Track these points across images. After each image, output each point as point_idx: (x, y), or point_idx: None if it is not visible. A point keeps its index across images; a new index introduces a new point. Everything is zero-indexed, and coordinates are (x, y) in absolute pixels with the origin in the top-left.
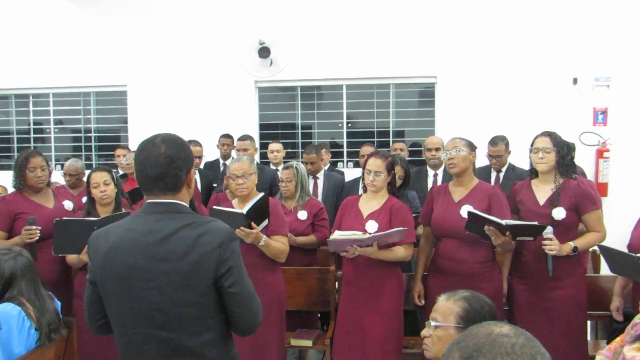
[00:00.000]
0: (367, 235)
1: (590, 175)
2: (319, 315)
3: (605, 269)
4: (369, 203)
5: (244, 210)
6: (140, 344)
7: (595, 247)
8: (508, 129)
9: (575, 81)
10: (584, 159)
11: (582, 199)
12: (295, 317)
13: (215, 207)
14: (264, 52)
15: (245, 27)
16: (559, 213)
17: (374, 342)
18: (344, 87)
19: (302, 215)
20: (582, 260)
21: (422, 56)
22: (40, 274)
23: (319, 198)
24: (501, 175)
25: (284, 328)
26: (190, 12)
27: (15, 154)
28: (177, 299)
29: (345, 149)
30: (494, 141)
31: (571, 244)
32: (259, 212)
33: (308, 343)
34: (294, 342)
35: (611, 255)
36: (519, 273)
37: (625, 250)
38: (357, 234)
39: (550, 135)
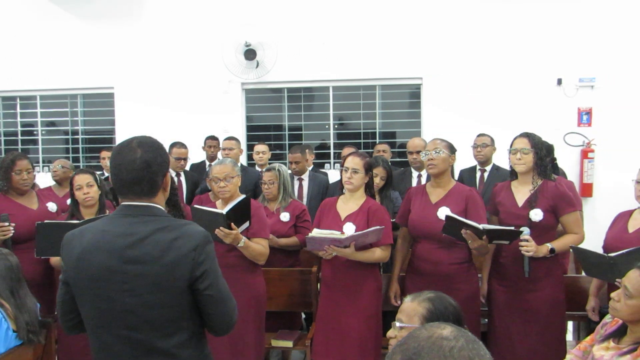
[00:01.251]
0: (345, 236)
1: (575, 176)
2: (304, 316)
3: None
4: (347, 204)
5: (224, 211)
6: (113, 345)
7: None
8: (493, 130)
9: (559, 82)
10: (568, 160)
11: (560, 201)
12: (278, 318)
13: (196, 206)
14: (250, 54)
15: (231, 29)
16: (537, 214)
17: (352, 342)
18: (331, 89)
19: (285, 217)
20: (563, 261)
21: (408, 57)
22: (24, 274)
23: (304, 199)
24: (485, 175)
25: (263, 329)
26: (177, 15)
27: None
28: (150, 301)
29: (332, 150)
30: (481, 133)
31: (548, 245)
32: (240, 214)
33: (288, 344)
34: (274, 342)
35: (585, 257)
36: (498, 274)
37: (601, 251)
38: (335, 234)
39: (529, 136)
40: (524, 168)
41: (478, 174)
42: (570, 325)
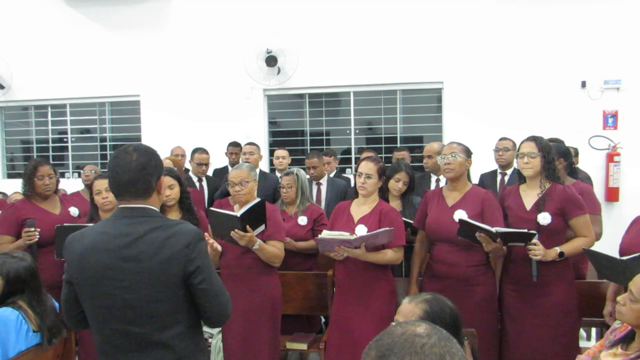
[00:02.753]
0: (355, 236)
1: (600, 180)
2: (324, 320)
3: None
4: (360, 208)
5: (239, 213)
6: (113, 339)
7: None
8: (516, 133)
9: (583, 84)
10: (593, 163)
11: (568, 204)
12: (297, 320)
13: (212, 209)
14: (271, 60)
15: (252, 37)
16: (544, 218)
17: (365, 345)
18: (352, 94)
19: (302, 220)
20: (579, 266)
21: (429, 61)
22: (44, 276)
23: (322, 203)
24: (506, 178)
25: (278, 330)
26: (200, 25)
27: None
28: (147, 296)
29: (353, 155)
30: (503, 137)
31: (557, 249)
32: (255, 217)
33: (303, 346)
34: (289, 345)
35: (598, 259)
36: (509, 278)
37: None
38: (344, 235)
39: (536, 140)
40: (531, 172)
41: (499, 178)
42: (593, 331)
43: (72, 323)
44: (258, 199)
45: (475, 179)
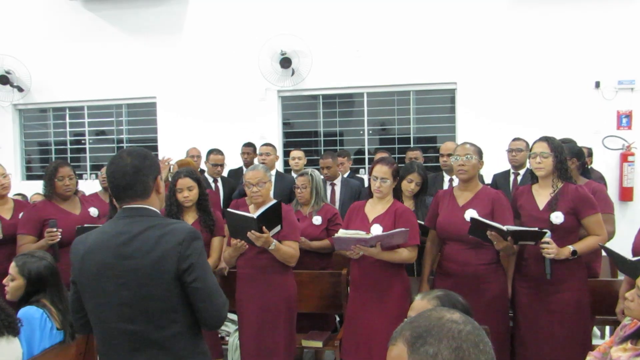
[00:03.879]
0: (370, 235)
1: (614, 180)
2: (338, 319)
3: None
4: (375, 208)
5: (255, 215)
6: (112, 338)
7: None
8: (530, 134)
9: (597, 85)
10: (608, 163)
11: (580, 203)
12: (311, 319)
13: (230, 210)
14: (286, 62)
15: (267, 39)
16: (557, 217)
17: (380, 343)
18: (365, 95)
19: (317, 220)
20: (592, 265)
21: (442, 62)
22: (65, 275)
23: (336, 204)
24: (519, 178)
25: (294, 329)
26: (215, 27)
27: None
28: (143, 293)
29: (367, 156)
30: (516, 137)
31: (570, 247)
32: (271, 218)
33: (318, 344)
34: (305, 343)
35: (612, 255)
36: (522, 276)
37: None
38: (360, 233)
39: (548, 140)
40: (544, 172)
41: (512, 178)
42: (607, 330)
43: (78, 325)
44: (274, 201)
45: (488, 179)
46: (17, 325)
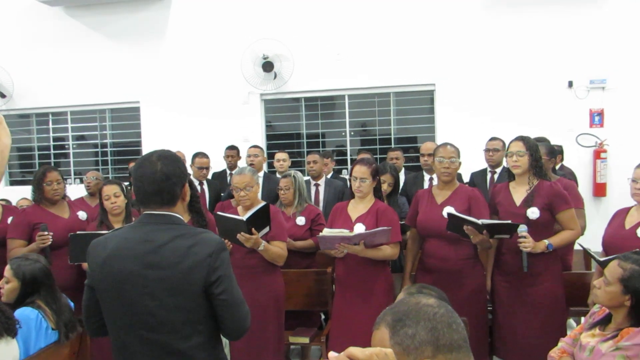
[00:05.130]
0: (354, 234)
1: (588, 176)
2: (324, 317)
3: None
4: (357, 207)
5: (245, 218)
6: (133, 346)
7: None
8: (506, 132)
9: (570, 84)
10: (581, 160)
11: (555, 199)
12: (297, 316)
13: (219, 213)
14: (268, 66)
15: (249, 43)
16: (533, 213)
17: (366, 338)
18: (346, 97)
19: (300, 221)
20: (565, 257)
21: (420, 64)
22: (57, 278)
23: (320, 204)
24: (496, 177)
25: (282, 326)
26: (197, 31)
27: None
28: (169, 303)
29: (349, 157)
30: (493, 137)
31: (545, 241)
32: (260, 220)
33: (305, 340)
34: (292, 339)
35: (588, 253)
36: (500, 270)
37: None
38: (344, 232)
39: (524, 139)
40: (520, 170)
41: (489, 176)
42: (582, 320)
43: (92, 330)
44: (262, 203)
45: (466, 177)
46: (16, 326)
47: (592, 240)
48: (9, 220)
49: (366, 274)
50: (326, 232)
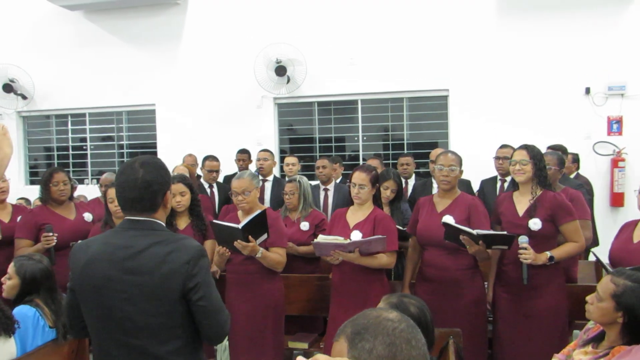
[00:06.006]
0: (348, 241)
1: (605, 186)
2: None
3: None
4: (356, 214)
5: (240, 225)
6: (111, 350)
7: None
8: (521, 140)
9: (587, 91)
10: (598, 169)
11: (558, 210)
12: (299, 321)
13: (214, 221)
14: (281, 70)
15: (262, 48)
16: (535, 224)
17: None
18: (359, 102)
19: (305, 226)
20: (572, 269)
21: (434, 69)
22: (60, 278)
23: (329, 209)
24: (506, 185)
25: (282, 331)
26: (212, 36)
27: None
28: (146, 309)
29: (361, 162)
30: (504, 144)
31: (547, 253)
32: (257, 226)
33: (304, 345)
34: (291, 344)
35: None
36: (501, 281)
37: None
38: (339, 239)
39: (527, 148)
40: (523, 179)
41: (499, 184)
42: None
43: (74, 330)
44: (260, 209)
45: (477, 185)
46: (14, 326)
47: (607, 251)
48: (19, 219)
49: (362, 281)
50: (321, 238)
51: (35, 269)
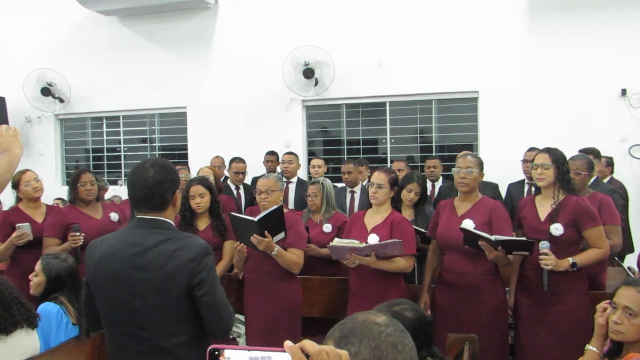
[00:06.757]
0: (364, 245)
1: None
2: None
3: None
4: (373, 217)
5: (257, 218)
6: (122, 341)
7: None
8: (553, 143)
9: (623, 92)
10: (634, 173)
11: (581, 215)
12: (320, 324)
13: (233, 214)
14: (309, 72)
15: (290, 50)
16: (557, 229)
17: None
18: (387, 104)
19: (327, 228)
20: (600, 276)
21: (463, 71)
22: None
23: (355, 211)
24: (533, 189)
25: (298, 334)
26: (241, 39)
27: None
28: (153, 303)
29: (389, 164)
30: (532, 147)
31: (570, 259)
32: (274, 223)
33: None
34: None
35: None
36: (523, 287)
37: None
38: (354, 243)
39: (550, 151)
40: (545, 183)
41: (526, 188)
42: None
43: (90, 322)
44: (276, 205)
45: (504, 188)
46: (36, 319)
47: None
48: None
49: (379, 285)
50: (336, 242)
51: (60, 267)
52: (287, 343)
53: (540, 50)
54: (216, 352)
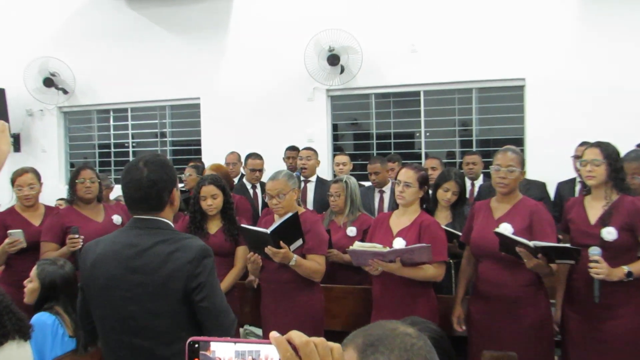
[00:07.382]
0: (388, 249)
1: None
2: None
3: None
4: (400, 219)
5: (269, 230)
6: (117, 350)
7: None
8: (607, 137)
9: None
10: None
11: (638, 218)
12: (341, 338)
13: (244, 226)
14: (334, 59)
15: (313, 35)
16: (610, 233)
17: None
18: (422, 94)
19: (352, 231)
20: None
21: (508, 56)
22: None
23: (385, 212)
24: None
25: None
26: (260, 24)
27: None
28: (150, 309)
29: (423, 160)
30: (584, 142)
31: (625, 268)
32: (289, 231)
33: None
34: None
35: None
36: (571, 299)
37: None
38: (377, 247)
39: (601, 146)
40: (594, 181)
41: (577, 187)
42: None
43: (86, 330)
44: (292, 212)
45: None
46: (29, 330)
47: None
48: None
49: (405, 295)
50: (357, 245)
51: (56, 274)
52: (273, 334)
53: (594, 33)
54: (196, 345)
